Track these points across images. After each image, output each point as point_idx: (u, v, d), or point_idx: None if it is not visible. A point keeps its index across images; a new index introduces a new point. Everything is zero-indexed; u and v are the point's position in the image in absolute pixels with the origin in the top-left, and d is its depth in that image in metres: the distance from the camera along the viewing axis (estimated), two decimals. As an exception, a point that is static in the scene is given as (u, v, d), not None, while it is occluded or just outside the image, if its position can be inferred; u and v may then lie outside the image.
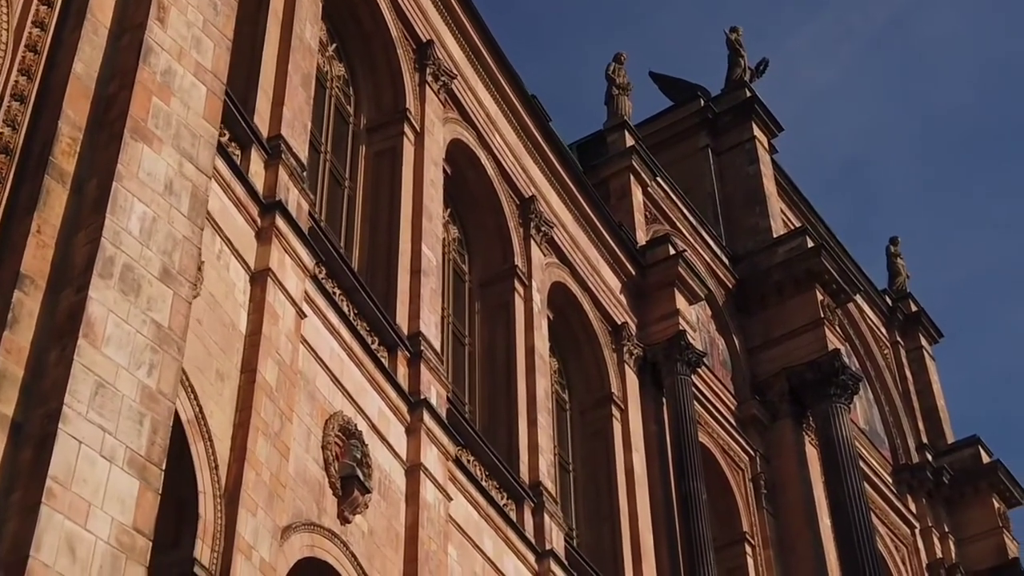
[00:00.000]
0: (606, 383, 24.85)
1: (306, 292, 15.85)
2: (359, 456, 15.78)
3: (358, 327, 17.17)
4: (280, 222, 15.41)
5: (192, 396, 13.18)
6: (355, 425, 16.12)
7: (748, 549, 27.05)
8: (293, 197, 15.97)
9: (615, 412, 24.61)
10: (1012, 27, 76.06)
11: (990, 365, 72.70)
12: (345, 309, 17.04)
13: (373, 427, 16.69)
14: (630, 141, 29.43)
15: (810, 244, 30.97)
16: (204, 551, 12.74)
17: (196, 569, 12.50)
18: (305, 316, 15.57)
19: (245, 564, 13.01)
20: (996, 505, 34.86)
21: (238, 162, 15.34)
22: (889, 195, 75.39)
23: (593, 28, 71.10)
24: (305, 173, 16.69)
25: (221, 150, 14.93)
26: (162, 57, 10.21)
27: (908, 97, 77.13)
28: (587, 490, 23.86)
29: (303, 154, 16.72)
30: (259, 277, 14.90)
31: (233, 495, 13.24)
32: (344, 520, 15.38)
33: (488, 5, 23.23)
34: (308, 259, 15.88)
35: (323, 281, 16.73)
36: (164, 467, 9.64)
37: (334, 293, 16.96)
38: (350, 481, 15.45)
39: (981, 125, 76.68)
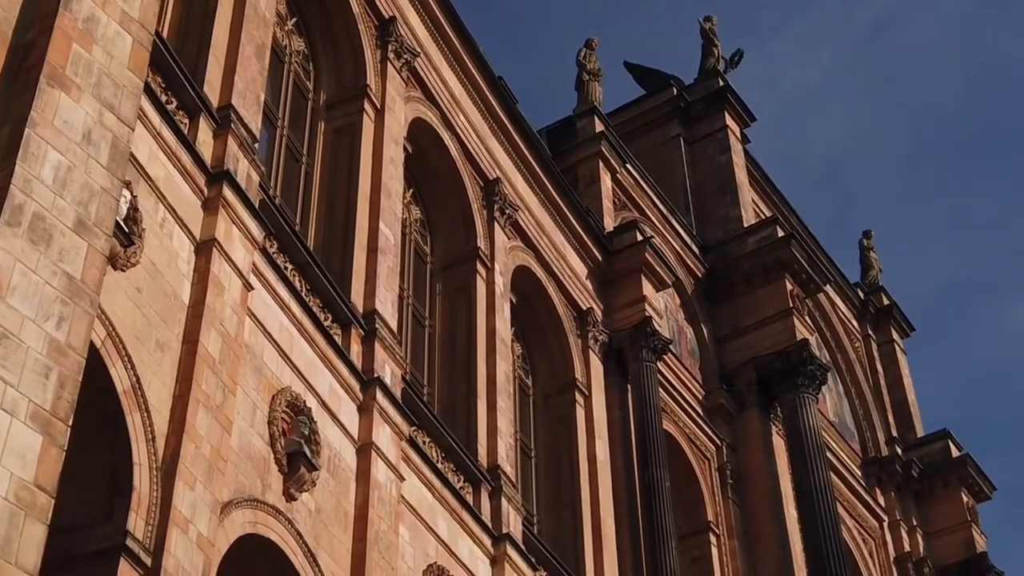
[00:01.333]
0: (570, 369, 24.57)
1: (254, 265, 15.51)
2: (307, 433, 15.45)
3: (310, 303, 16.83)
4: (228, 192, 15.06)
5: (129, 366, 12.83)
6: (304, 401, 15.79)
7: (713, 539, 26.82)
8: (243, 168, 15.63)
9: (579, 398, 24.33)
10: (993, 32, 76.28)
11: (964, 364, 72.80)
12: (297, 284, 16.71)
13: (323, 404, 16.36)
14: (600, 127, 29.17)
15: (780, 234, 30.77)
16: (138, 524, 12.40)
17: (128, 542, 12.16)
18: (252, 288, 15.23)
19: (181, 538, 12.68)
20: (965, 499, 34.73)
21: (185, 131, 14.99)
22: (869, 196, 75.44)
23: (572, 19, 70.87)
24: (257, 145, 16.35)
25: (167, 118, 14.63)
26: (84, 4, 9.86)
27: (890, 100, 77.27)
28: (549, 476, 23.58)
29: (255, 126, 16.37)
30: (204, 247, 14.56)
31: (170, 468, 12.90)
32: (290, 497, 15.05)
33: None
34: (257, 231, 15.54)
35: (274, 255, 16.39)
36: (71, 423, 9.28)
37: (285, 268, 16.62)
38: (297, 458, 15.11)
39: (961, 129, 76.85)
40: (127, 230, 13.02)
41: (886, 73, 77.37)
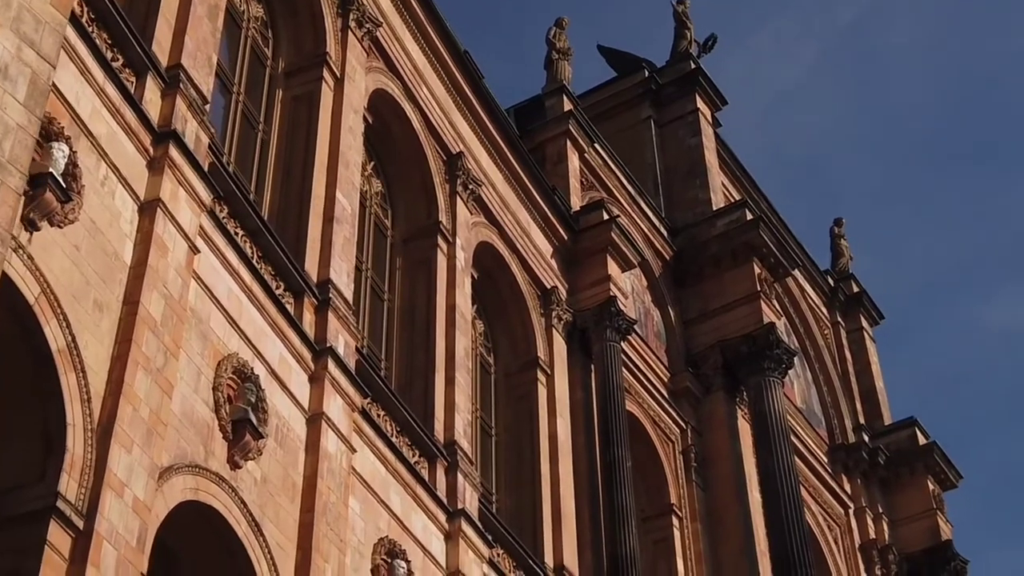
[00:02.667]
0: (532, 347, 24.32)
1: (202, 228, 15.18)
2: (254, 400, 15.14)
3: (261, 270, 16.50)
4: (174, 153, 14.73)
5: (64, 325, 12.50)
6: (252, 369, 15.47)
7: (675, 521, 26.62)
8: (191, 129, 15.28)
9: (541, 377, 24.09)
10: (971, 32, 76.42)
11: (938, 361, 73.00)
12: (248, 251, 16.37)
13: (273, 372, 16.05)
14: (568, 106, 28.87)
15: (749, 217, 30.57)
16: (70, 485, 12.08)
17: (59, 504, 11.85)
18: (198, 252, 14.90)
19: (116, 501, 12.36)
20: (931, 487, 34.64)
21: (131, 89, 14.63)
22: (846, 192, 75.46)
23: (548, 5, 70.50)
24: (208, 107, 16.01)
25: (112, 75, 14.28)
26: (4, -64, 9.55)
27: (868, 98, 77.31)
28: (509, 455, 23.34)
29: (205, 87, 16.01)
30: (148, 207, 14.22)
31: (106, 429, 12.58)
32: (234, 465, 14.73)
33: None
34: (205, 194, 15.20)
35: (224, 220, 16.05)
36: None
37: (236, 234, 16.29)
38: (242, 425, 14.80)
39: (939, 128, 76.97)
40: (64, 185, 12.69)
41: (865, 71, 77.51)
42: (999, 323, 74.32)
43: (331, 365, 17.01)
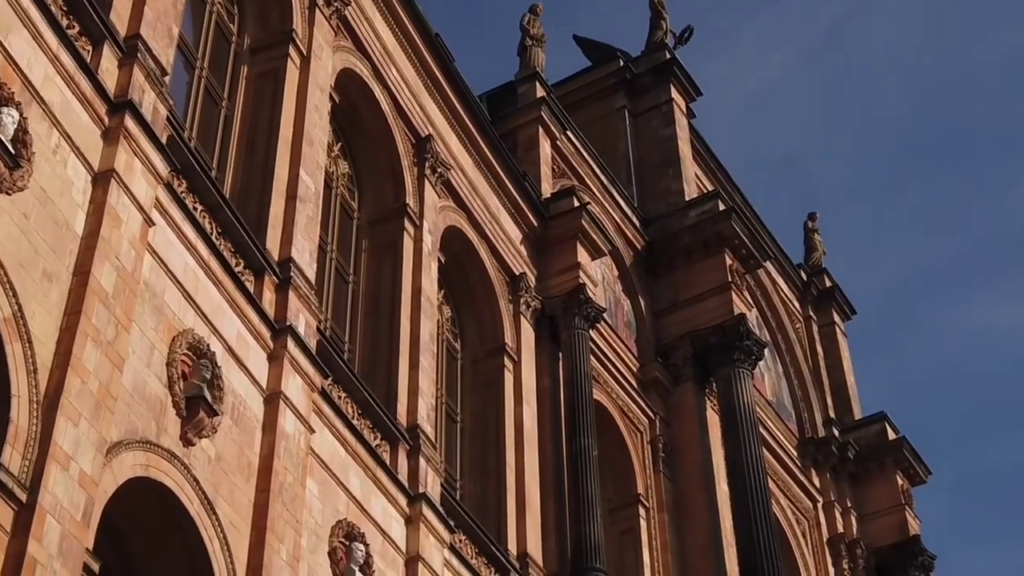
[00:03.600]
0: (500, 334, 24.11)
1: (158, 201, 14.91)
2: (209, 377, 14.88)
3: (220, 246, 16.24)
4: (130, 123, 14.44)
5: (11, 293, 12.22)
6: (208, 345, 15.21)
7: (642, 511, 26.45)
8: (148, 100, 14.99)
9: (508, 364, 23.88)
10: (950, 35, 76.61)
11: (911, 359, 73.18)
12: (206, 226, 16.10)
13: (230, 350, 15.78)
14: (541, 92, 28.65)
15: (721, 207, 30.43)
16: (13, 457, 11.80)
17: (2, 476, 11.56)
18: (153, 224, 14.62)
19: (61, 475, 12.09)
20: (900, 482, 34.57)
21: (88, 58, 14.34)
22: (824, 193, 75.56)
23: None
24: (167, 79, 15.72)
25: (67, 43, 14.01)
26: None
27: (847, 99, 77.45)
28: (474, 442, 23.12)
29: (165, 58, 15.72)
30: (102, 178, 13.94)
31: (53, 401, 12.31)
32: (187, 442, 14.47)
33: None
34: (162, 166, 14.92)
35: (182, 194, 15.78)
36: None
37: (195, 208, 16.01)
38: (196, 401, 14.54)
39: (914, 129, 77.18)
40: (14, 152, 12.41)
41: (843, 72, 77.62)
42: (974, 324, 74.58)
43: (291, 344, 16.75)
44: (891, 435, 35.01)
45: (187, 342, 14.84)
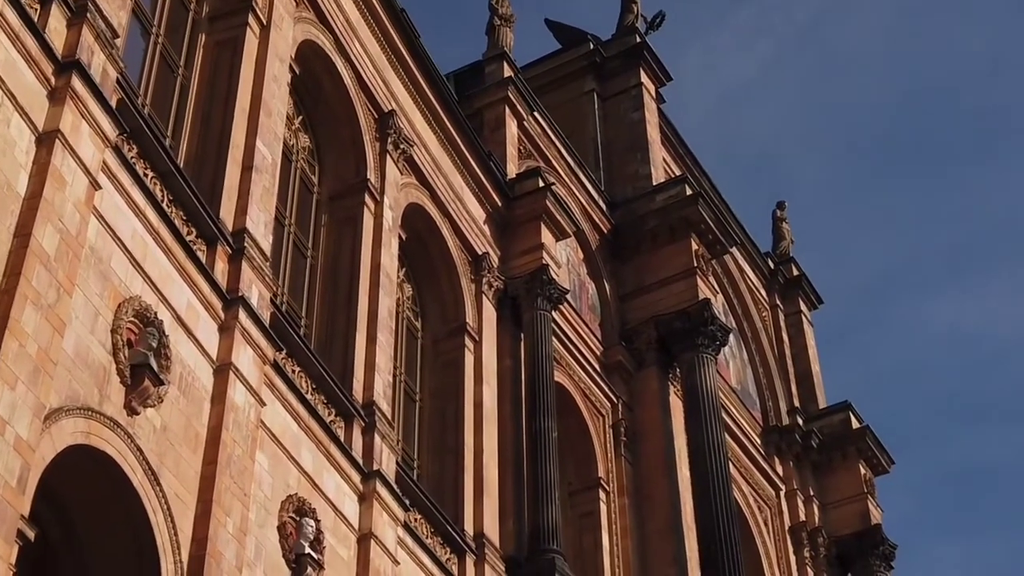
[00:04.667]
0: (461, 313, 23.88)
1: (105, 164, 14.59)
2: (156, 345, 14.58)
3: (171, 214, 15.93)
4: (77, 84, 14.11)
5: (-53, 252, 11.89)
6: (155, 313, 14.91)
7: (602, 495, 26.29)
8: (98, 61, 14.66)
9: (468, 343, 23.65)
10: (925, 35, 76.82)
11: (880, 356, 73.42)
12: (157, 193, 15.79)
13: (179, 319, 15.49)
14: (508, 72, 28.38)
15: (688, 192, 30.28)
16: (-55, 420, 11.48)
17: (-67, 438, 11.25)
18: (100, 188, 14.30)
19: (-4, 439, 11.78)
20: (863, 471, 34.55)
21: (35, 17, 14.00)
22: (796, 189, 75.67)
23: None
24: (119, 41, 15.38)
25: (13, 0, 13.64)
26: None
27: (822, 97, 77.55)
28: (433, 421, 22.89)
29: (117, 20, 15.37)
30: (46, 139, 13.62)
31: (-12, 363, 11.99)
32: (132, 411, 14.17)
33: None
34: (110, 129, 14.60)
35: (132, 160, 15.46)
36: None
37: (145, 175, 15.69)
38: (141, 370, 14.24)
39: (887, 128, 77.34)
40: (-48, 107, 12.06)
41: (819, 69, 77.72)
42: (942, 323, 74.91)
43: (242, 315, 16.47)
44: (855, 424, 35.00)
45: (133, 309, 14.54)
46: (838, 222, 75.82)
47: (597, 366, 27.76)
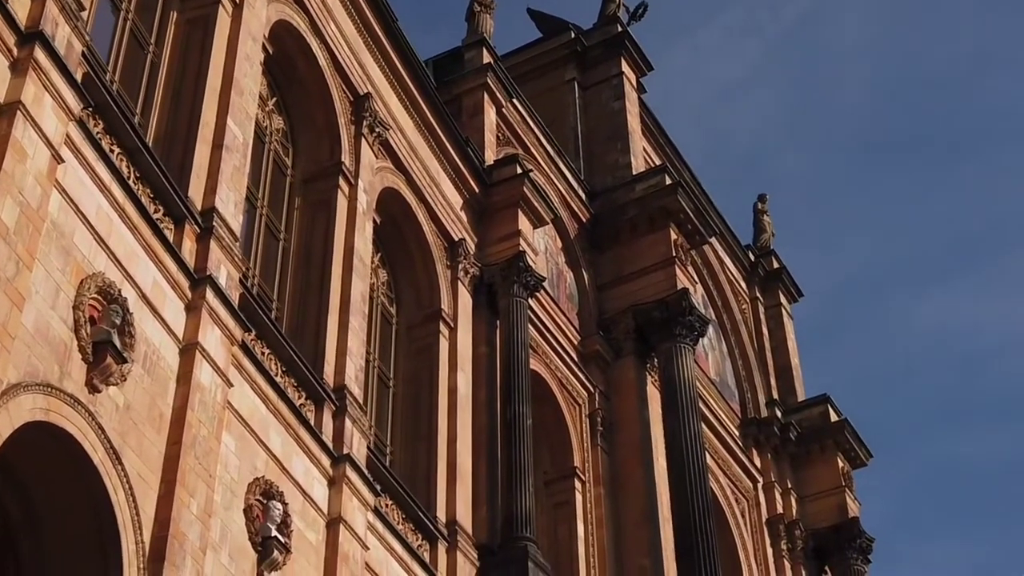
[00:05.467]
0: (436, 300, 23.67)
1: (69, 138, 14.34)
2: (119, 323, 14.35)
3: (138, 191, 15.69)
4: (40, 55, 13.86)
5: (-99, 221, 11.64)
6: (119, 291, 14.67)
7: (578, 485, 26.13)
8: (62, 34, 14.40)
9: (443, 330, 23.45)
10: (912, 35, 76.88)
11: (864, 356, 73.48)
12: (123, 169, 15.54)
13: (144, 297, 15.25)
14: (488, 59, 28.18)
15: (668, 182, 30.12)
16: (-102, 392, 11.24)
17: None
18: (62, 162, 14.06)
19: (-51, 413, 11.55)
20: (841, 464, 34.44)
21: (-4, -12, 13.75)
22: (784, 188, 75.66)
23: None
24: (85, 14, 15.13)
25: (-25, -31, 13.40)
26: None
27: (809, 95, 77.56)
28: (406, 408, 22.69)
29: (83, -7, 15.12)
30: (8, 109, 13.38)
31: (-57, 336, 11.75)
32: (93, 389, 13.94)
33: None
34: (74, 102, 14.35)
35: (98, 135, 15.22)
36: None
37: (112, 151, 15.45)
38: (104, 347, 14.01)
39: (875, 127, 77.41)
40: (-91, 74, 11.81)
41: (808, 69, 77.76)
42: (928, 321, 75.01)
43: (210, 295, 16.24)
44: (833, 417, 34.91)
45: (96, 286, 14.30)
46: (825, 220, 75.94)
47: (574, 355, 27.59)
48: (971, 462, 72.07)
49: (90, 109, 14.95)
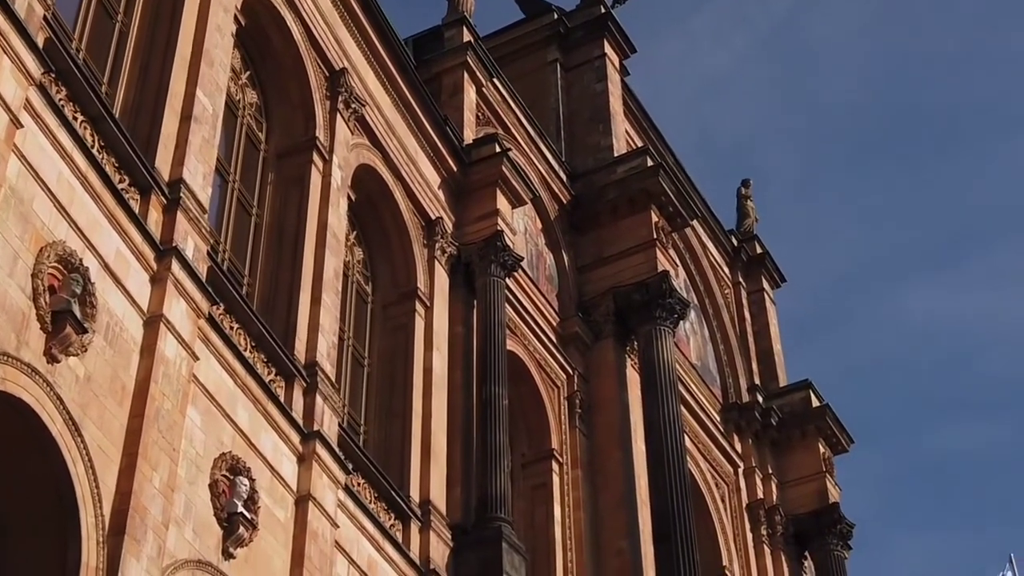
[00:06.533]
0: (413, 278, 23.42)
1: (29, 103, 14.05)
2: (79, 292, 14.08)
3: (101, 160, 15.40)
4: None
5: None
6: (80, 260, 14.40)
7: (556, 467, 25.92)
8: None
9: (419, 309, 23.21)
10: (900, 29, 76.73)
11: (850, 349, 73.45)
12: (87, 137, 15.26)
13: (107, 267, 14.98)
14: (468, 37, 27.88)
15: (650, 164, 29.89)
16: None
17: None
18: (21, 126, 13.78)
19: (-102, 378, 11.27)
20: (822, 450, 34.27)
21: (-46, -52, 13.45)
22: (771, 180, 75.51)
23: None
24: (47, -21, 14.82)
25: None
26: None
27: (797, 89, 77.42)
28: (381, 387, 22.44)
29: (45, -43, 14.81)
30: (-36, 72, 13.07)
31: None
32: (52, 359, 13.67)
33: None
34: (34, 67, 14.06)
35: (61, 102, 14.92)
36: None
37: (74, 118, 15.16)
38: (63, 316, 13.74)
39: (862, 121, 77.29)
40: None
41: (796, 62, 77.60)
42: (915, 315, 74.96)
43: (175, 267, 15.96)
44: (815, 402, 34.74)
45: (57, 254, 14.03)
46: (812, 214, 75.79)
47: (553, 337, 27.37)
48: (955, 455, 72.14)
49: (52, 75, 14.66)
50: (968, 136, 76.35)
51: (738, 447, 33.16)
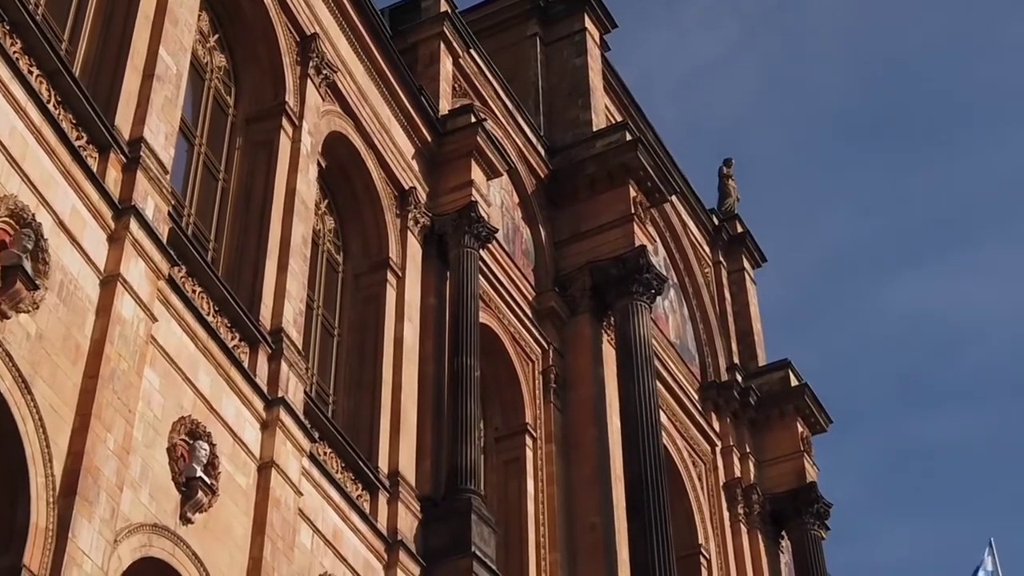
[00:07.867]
0: (384, 248, 23.11)
1: (-20, 54, 13.71)
2: (31, 248, 13.76)
3: (57, 115, 15.07)
4: (-52, -36, 13.22)
5: None
6: (33, 215, 14.07)
7: (529, 441, 25.66)
8: (-26, -56, 13.75)
9: (391, 279, 22.90)
10: (891, 18, 76.54)
11: (836, 337, 73.35)
12: (43, 92, 14.92)
13: (61, 224, 14.65)
14: (445, 7, 27.54)
15: (628, 138, 29.62)
16: None
17: None
18: (-29, 77, 13.44)
19: None
20: (800, 430, 34.08)
21: None
22: (758, 167, 75.36)
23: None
24: (2, -72, 14.48)
25: None
26: None
27: (784, 77, 77.22)
28: (351, 357, 22.15)
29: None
30: (-90, 18, 12.71)
31: None
32: (1, 315, 13.36)
33: None
34: (-14, 15, 13.71)
35: (15, 55, 14.58)
36: None
37: (29, 72, 14.82)
38: (13, 271, 13.43)
39: (850, 110, 77.11)
40: None
41: (784, 50, 77.35)
42: (901, 303, 74.88)
43: (134, 226, 15.64)
44: (794, 382, 34.56)
45: (8, 208, 13.71)
46: (798, 200, 75.64)
47: (528, 311, 27.11)
48: (937, 443, 72.15)
49: (6, 27, 14.31)
50: (956, 127, 76.39)
51: (716, 426, 32.96)
